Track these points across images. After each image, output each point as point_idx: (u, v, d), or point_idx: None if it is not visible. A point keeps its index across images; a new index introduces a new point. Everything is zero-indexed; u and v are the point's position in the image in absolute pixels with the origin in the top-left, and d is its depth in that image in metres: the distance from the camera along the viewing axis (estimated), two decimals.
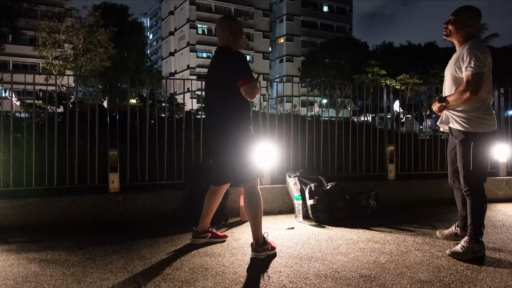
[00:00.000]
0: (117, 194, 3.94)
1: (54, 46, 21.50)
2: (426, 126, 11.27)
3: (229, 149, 2.81)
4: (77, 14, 24.10)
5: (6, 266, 2.68)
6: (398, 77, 27.55)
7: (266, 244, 2.87)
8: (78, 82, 17.73)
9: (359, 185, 4.59)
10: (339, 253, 2.95)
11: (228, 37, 2.87)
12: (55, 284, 2.38)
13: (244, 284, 2.37)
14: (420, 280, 2.43)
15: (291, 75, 51.47)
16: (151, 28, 79.46)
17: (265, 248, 2.84)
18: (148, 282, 2.40)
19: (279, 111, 4.83)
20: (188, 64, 50.60)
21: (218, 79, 2.85)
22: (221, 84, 2.81)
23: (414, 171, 5.14)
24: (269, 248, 2.88)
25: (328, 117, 6.01)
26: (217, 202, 3.14)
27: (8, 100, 7.75)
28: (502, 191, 5.11)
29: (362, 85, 5.55)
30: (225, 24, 2.89)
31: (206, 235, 3.18)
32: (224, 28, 2.87)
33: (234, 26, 2.90)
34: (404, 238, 3.33)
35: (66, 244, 3.17)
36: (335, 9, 60.51)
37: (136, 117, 4.68)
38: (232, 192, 4.17)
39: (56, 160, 3.91)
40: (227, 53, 2.85)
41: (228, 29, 2.87)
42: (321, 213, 3.90)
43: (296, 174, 4.35)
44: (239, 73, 2.72)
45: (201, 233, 3.16)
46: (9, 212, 3.64)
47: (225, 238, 3.29)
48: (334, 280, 2.43)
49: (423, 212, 4.40)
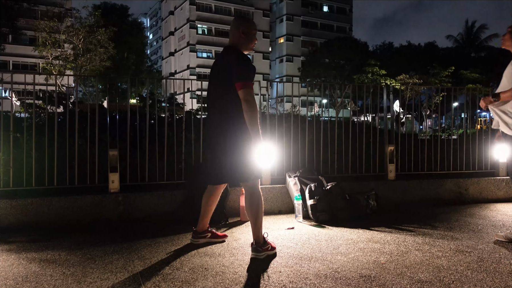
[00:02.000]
0: (117, 194, 3.94)
1: (54, 46, 21.47)
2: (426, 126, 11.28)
3: (229, 148, 2.81)
4: (77, 14, 24.10)
5: (6, 266, 2.68)
6: (398, 77, 27.52)
7: (266, 244, 2.87)
8: (78, 82, 17.68)
9: (359, 185, 4.59)
10: (339, 253, 2.95)
11: (241, 37, 2.86)
12: (55, 284, 2.38)
13: (244, 284, 2.36)
14: (420, 280, 2.43)
15: (291, 75, 51.45)
16: (151, 28, 79.45)
17: (265, 248, 2.84)
18: (148, 282, 2.40)
19: (279, 111, 4.82)
20: (188, 64, 50.59)
21: (220, 79, 2.85)
22: (223, 84, 2.80)
23: (414, 171, 5.14)
24: (269, 248, 2.88)
25: (328, 117, 6.00)
26: (215, 202, 3.14)
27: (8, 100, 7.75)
28: (502, 191, 5.11)
29: (362, 85, 5.55)
30: (240, 23, 2.89)
31: (206, 235, 3.18)
32: (238, 27, 2.87)
33: (249, 27, 2.90)
34: (404, 238, 3.33)
35: (66, 244, 3.17)
36: (335, 9, 60.52)
37: (136, 117, 4.68)
38: (232, 192, 4.17)
39: (56, 160, 3.91)
40: (233, 53, 2.84)
41: (242, 28, 2.86)
42: (321, 213, 3.90)
43: (296, 174, 4.35)
44: (240, 75, 2.72)
45: (200, 233, 3.16)
46: (9, 212, 3.64)
47: (225, 238, 3.29)
48: (334, 280, 2.43)
49: (423, 212, 4.40)
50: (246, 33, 2.87)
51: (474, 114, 6.49)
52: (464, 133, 5.59)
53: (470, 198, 5.01)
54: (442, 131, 7.28)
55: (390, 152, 4.89)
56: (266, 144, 4.35)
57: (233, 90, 2.73)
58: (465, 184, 5.02)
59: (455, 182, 4.99)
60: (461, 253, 2.95)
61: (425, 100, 14.85)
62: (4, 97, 5.58)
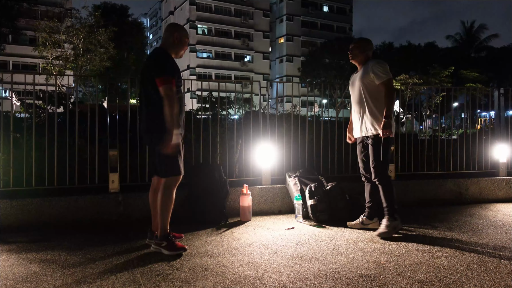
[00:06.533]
0: (117, 194, 3.94)
1: (54, 46, 21.47)
2: (426, 126, 11.27)
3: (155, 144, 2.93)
4: (77, 14, 24.10)
5: (6, 266, 2.68)
6: (398, 77, 27.51)
7: (169, 240, 2.91)
8: (78, 82, 17.71)
9: (359, 185, 4.58)
10: (339, 253, 2.95)
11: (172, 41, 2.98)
12: (55, 284, 2.38)
13: (244, 284, 2.37)
14: (420, 280, 2.43)
15: (291, 75, 51.48)
16: (151, 28, 79.43)
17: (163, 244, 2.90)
18: (148, 282, 2.40)
19: (279, 111, 4.83)
20: (188, 64, 50.59)
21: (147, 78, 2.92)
22: (150, 83, 2.89)
23: (414, 171, 5.14)
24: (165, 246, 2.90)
25: (328, 117, 6.00)
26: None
27: (8, 100, 7.75)
28: (502, 191, 5.11)
29: None
30: (175, 29, 3.01)
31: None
32: (172, 32, 2.99)
33: (182, 34, 3.02)
34: (404, 238, 3.33)
35: (66, 244, 3.17)
36: (335, 9, 60.47)
37: (136, 117, 4.67)
38: (232, 192, 4.17)
39: (56, 160, 3.91)
40: (159, 53, 2.96)
41: (176, 34, 2.99)
42: (321, 213, 3.90)
43: (296, 174, 4.35)
44: (160, 71, 2.82)
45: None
46: (9, 212, 3.64)
47: (182, 236, 3.34)
48: (334, 280, 2.43)
49: (423, 212, 4.40)
50: (178, 40, 3.00)
51: (474, 114, 6.49)
52: (464, 133, 5.59)
53: (470, 198, 5.00)
54: (442, 131, 7.28)
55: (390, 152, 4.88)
56: (266, 144, 4.36)
57: (155, 90, 2.84)
58: (465, 184, 5.02)
59: (455, 182, 4.99)
60: (461, 253, 2.95)
61: (425, 100, 14.86)
62: (4, 97, 5.58)
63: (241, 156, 4.61)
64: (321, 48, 42.78)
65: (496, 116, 5.56)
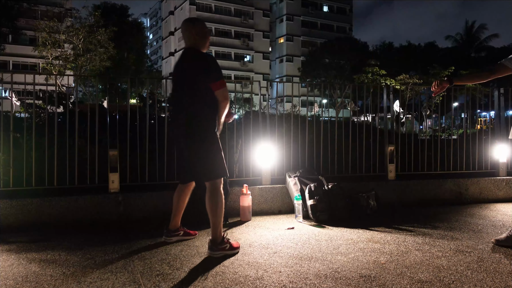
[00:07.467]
0: (117, 194, 3.94)
1: (54, 46, 21.47)
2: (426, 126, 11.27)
3: (195, 149, 2.88)
4: (77, 14, 24.09)
5: (6, 266, 2.68)
6: (398, 77, 27.50)
7: (224, 243, 2.88)
8: (78, 82, 17.70)
9: (359, 185, 4.59)
10: (339, 253, 2.95)
11: (195, 38, 2.96)
12: (55, 284, 2.38)
13: (244, 284, 2.36)
14: (420, 280, 2.43)
15: (291, 75, 51.46)
16: (151, 28, 79.44)
17: (222, 247, 2.86)
18: (148, 282, 2.40)
19: (279, 111, 4.83)
20: None
21: (188, 80, 2.90)
22: (192, 85, 2.87)
23: (414, 171, 5.14)
24: (227, 248, 2.89)
25: (328, 117, 6.00)
26: (185, 200, 3.20)
27: (8, 100, 7.75)
28: (502, 191, 5.12)
29: (362, 85, 5.56)
30: (191, 27, 2.98)
31: (178, 233, 3.25)
32: (190, 30, 2.97)
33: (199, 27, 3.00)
34: (404, 238, 3.33)
35: (66, 244, 3.17)
36: (335, 9, 60.50)
37: (136, 117, 4.68)
38: (232, 192, 4.17)
39: (56, 160, 3.91)
40: (197, 54, 2.93)
41: (193, 30, 2.97)
42: (321, 213, 3.90)
43: (296, 174, 4.35)
44: (214, 75, 2.82)
45: (173, 231, 3.22)
46: (9, 212, 3.64)
47: (196, 234, 3.35)
48: (334, 280, 2.43)
49: (423, 212, 4.40)
50: (199, 34, 2.97)
51: (474, 114, 6.49)
52: (464, 133, 5.59)
53: (470, 198, 5.01)
54: (442, 131, 7.28)
55: (390, 152, 4.89)
56: (266, 144, 4.36)
57: (202, 92, 2.84)
58: (465, 184, 5.02)
59: (455, 182, 5.00)
60: (461, 253, 2.95)
61: (425, 100, 14.86)
62: (4, 97, 5.58)
63: (241, 156, 4.61)
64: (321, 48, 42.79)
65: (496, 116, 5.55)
